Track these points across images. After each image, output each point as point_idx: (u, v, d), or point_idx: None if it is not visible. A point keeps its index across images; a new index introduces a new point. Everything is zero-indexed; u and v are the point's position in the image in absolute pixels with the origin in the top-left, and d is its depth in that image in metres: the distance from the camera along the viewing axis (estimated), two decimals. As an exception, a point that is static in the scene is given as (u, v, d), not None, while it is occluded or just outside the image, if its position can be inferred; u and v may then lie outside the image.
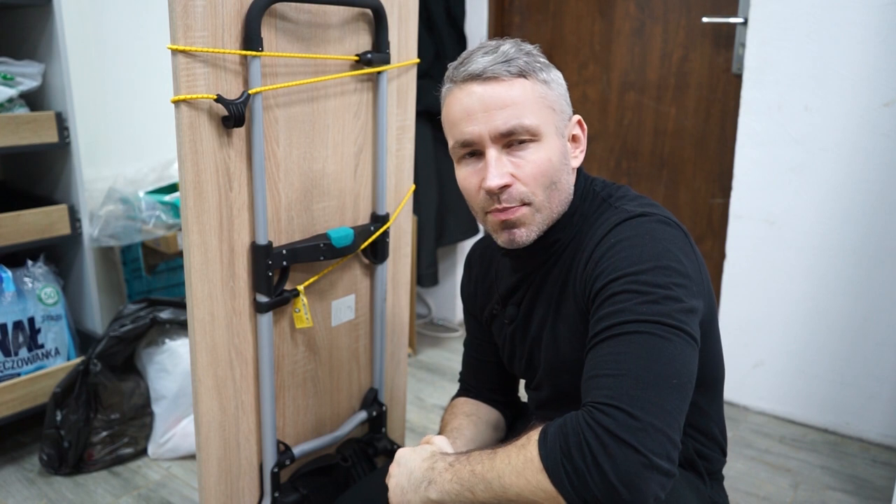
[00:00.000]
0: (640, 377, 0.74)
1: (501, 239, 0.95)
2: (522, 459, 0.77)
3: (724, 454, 1.04)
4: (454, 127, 0.93)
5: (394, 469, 0.92)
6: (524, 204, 0.91)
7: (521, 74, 0.90)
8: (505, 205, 0.91)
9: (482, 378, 1.18)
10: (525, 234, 0.93)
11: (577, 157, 0.97)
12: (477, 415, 1.13)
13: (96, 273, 2.04)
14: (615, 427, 0.71)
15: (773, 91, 1.98)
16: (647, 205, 0.93)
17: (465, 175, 0.94)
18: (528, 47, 0.94)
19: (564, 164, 0.93)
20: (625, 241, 0.86)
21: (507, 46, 0.92)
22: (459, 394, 1.20)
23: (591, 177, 1.00)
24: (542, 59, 0.93)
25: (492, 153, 0.90)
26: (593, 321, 0.83)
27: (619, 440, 0.71)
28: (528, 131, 0.89)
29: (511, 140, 0.90)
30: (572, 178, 0.96)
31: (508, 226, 0.92)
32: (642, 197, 0.96)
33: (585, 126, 0.98)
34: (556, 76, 0.94)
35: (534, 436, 0.78)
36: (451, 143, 0.95)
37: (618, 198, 0.96)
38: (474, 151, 0.93)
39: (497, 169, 0.89)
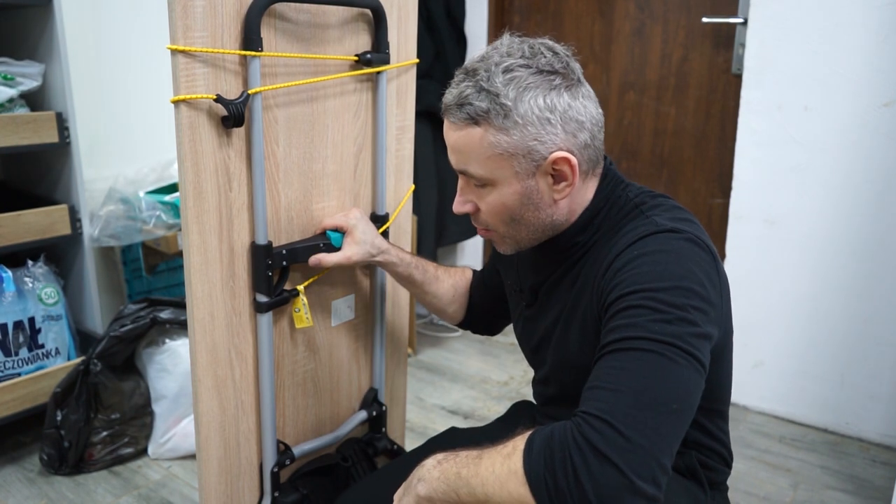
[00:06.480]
0: (640, 396, 0.72)
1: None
2: (506, 470, 0.75)
3: (729, 466, 1.02)
4: None
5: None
6: (488, 230, 0.97)
7: (473, 122, 0.86)
8: (475, 224, 0.98)
9: (479, 295, 1.27)
10: (506, 249, 1.00)
11: (559, 192, 0.90)
12: (452, 280, 1.26)
13: (96, 273, 2.04)
14: (601, 443, 0.69)
15: (773, 91, 1.98)
16: (681, 220, 0.88)
17: None
18: (496, 82, 0.84)
19: (528, 204, 0.90)
20: (649, 255, 0.83)
21: (466, 85, 0.86)
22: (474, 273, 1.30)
23: (625, 181, 0.97)
24: (510, 97, 0.84)
25: (460, 182, 0.96)
26: (604, 331, 0.82)
27: (602, 458, 0.69)
28: (475, 178, 0.91)
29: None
30: (554, 210, 0.92)
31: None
32: (679, 209, 0.92)
33: (574, 160, 0.88)
34: (533, 106, 0.85)
35: (519, 445, 0.76)
36: None
37: (651, 206, 0.92)
38: None
39: (460, 196, 0.96)
